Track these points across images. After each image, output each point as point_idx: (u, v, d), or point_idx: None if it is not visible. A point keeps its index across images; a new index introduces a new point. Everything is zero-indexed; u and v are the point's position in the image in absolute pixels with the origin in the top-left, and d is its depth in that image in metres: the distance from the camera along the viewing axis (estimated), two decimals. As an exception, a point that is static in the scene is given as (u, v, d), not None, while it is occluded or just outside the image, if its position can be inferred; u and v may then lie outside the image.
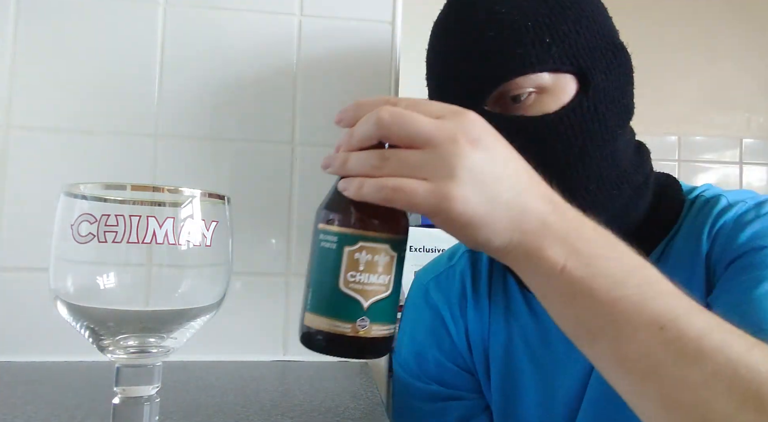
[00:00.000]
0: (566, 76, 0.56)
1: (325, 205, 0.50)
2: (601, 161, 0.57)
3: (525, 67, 0.55)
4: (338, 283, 0.47)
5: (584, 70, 0.56)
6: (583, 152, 0.56)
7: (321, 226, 0.50)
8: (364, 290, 0.47)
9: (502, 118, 0.54)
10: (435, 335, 0.73)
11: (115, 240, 0.37)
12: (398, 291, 0.50)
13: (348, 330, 0.47)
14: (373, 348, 0.48)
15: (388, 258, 0.48)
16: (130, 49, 0.80)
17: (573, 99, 0.56)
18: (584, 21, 0.58)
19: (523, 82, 0.55)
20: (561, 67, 0.56)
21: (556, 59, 0.55)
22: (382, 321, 0.48)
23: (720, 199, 0.62)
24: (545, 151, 0.54)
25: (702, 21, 2.21)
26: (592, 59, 0.57)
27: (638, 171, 0.62)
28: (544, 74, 0.55)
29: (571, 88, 0.56)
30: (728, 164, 2.22)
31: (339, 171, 0.44)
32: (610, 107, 0.58)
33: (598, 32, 0.59)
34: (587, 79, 0.56)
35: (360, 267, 0.47)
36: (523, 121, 0.55)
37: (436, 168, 0.39)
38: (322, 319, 0.47)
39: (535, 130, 0.55)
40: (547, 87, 0.56)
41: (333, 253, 0.47)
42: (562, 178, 0.55)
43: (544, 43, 0.55)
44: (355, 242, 0.47)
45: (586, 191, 0.57)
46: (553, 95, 0.56)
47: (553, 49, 0.55)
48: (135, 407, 0.40)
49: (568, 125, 0.55)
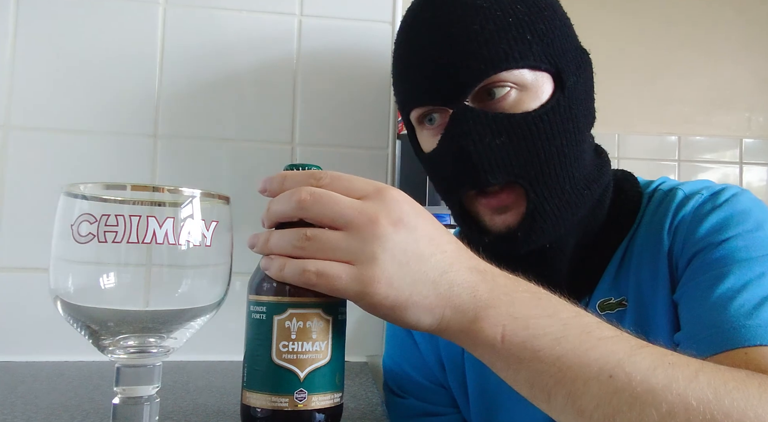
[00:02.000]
0: (544, 75, 0.57)
1: (253, 274, 0.49)
2: (574, 161, 0.57)
3: (509, 61, 0.54)
4: (271, 355, 0.45)
5: (560, 69, 0.57)
6: (560, 151, 0.56)
7: (250, 297, 0.49)
8: (299, 360, 0.45)
9: (484, 115, 0.54)
10: (406, 351, 0.73)
11: (115, 240, 0.37)
12: (340, 356, 0.48)
13: (286, 405, 0.45)
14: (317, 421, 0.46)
15: (323, 323, 0.46)
16: (130, 49, 0.80)
17: (550, 98, 0.56)
18: (557, 22, 0.58)
19: (506, 77, 0.55)
20: (540, 65, 0.56)
21: (536, 57, 0.55)
22: (322, 391, 0.46)
23: (677, 191, 0.62)
24: (528, 149, 0.55)
25: (702, 21, 2.21)
26: (565, 60, 0.57)
27: (601, 171, 0.62)
28: (525, 71, 0.55)
29: (548, 88, 0.57)
30: (728, 164, 2.22)
31: (262, 250, 0.43)
32: (581, 109, 0.58)
33: (568, 35, 0.59)
34: (562, 79, 0.57)
35: (292, 336, 0.45)
36: (507, 118, 0.55)
37: (358, 251, 0.39)
38: (258, 396, 0.46)
39: (518, 127, 0.54)
40: (527, 84, 0.55)
41: (263, 324, 0.46)
42: (541, 176, 0.56)
43: (525, 40, 0.55)
44: (283, 310, 0.46)
45: (561, 191, 0.57)
46: (532, 93, 0.56)
47: (534, 46, 0.55)
48: (135, 407, 0.40)
49: (547, 124, 0.55)
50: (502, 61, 0.54)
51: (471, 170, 0.55)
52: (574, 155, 0.57)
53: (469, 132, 0.54)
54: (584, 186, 0.59)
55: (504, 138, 0.54)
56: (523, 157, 0.55)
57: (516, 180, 0.55)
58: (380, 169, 0.84)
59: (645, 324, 0.58)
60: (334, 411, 0.49)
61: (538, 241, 0.57)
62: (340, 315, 0.49)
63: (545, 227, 0.57)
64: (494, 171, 0.55)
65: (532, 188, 0.56)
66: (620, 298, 0.61)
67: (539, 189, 0.56)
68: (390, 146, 0.85)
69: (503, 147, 0.54)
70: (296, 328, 0.46)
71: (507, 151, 0.54)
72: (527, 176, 0.55)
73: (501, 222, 0.58)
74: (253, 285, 0.49)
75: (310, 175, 0.42)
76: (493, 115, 0.55)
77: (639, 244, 0.62)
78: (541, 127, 0.55)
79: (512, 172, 0.55)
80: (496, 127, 0.54)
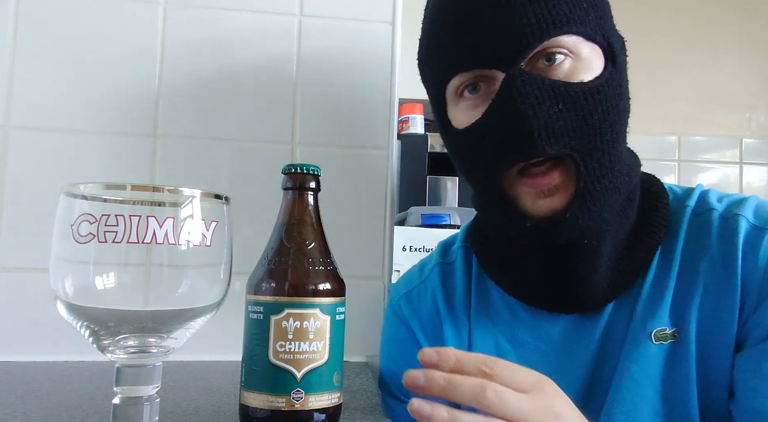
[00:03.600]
0: (596, 48, 0.55)
1: (252, 274, 0.49)
2: (623, 141, 0.56)
3: (570, 24, 0.53)
4: (268, 355, 0.46)
5: (612, 45, 0.56)
6: (613, 128, 0.54)
7: (249, 297, 0.49)
8: (296, 360, 0.46)
9: (541, 81, 0.52)
10: (409, 353, 0.70)
11: (115, 241, 0.37)
12: (339, 356, 0.49)
13: (283, 405, 0.45)
14: (314, 421, 0.46)
15: (320, 323, 0.47)
16: (130, 49, 0.80)
17: (603, 72, 0.55)
18: (604, 2, 0.58)
19: (564, 42, 0.53)
20: (595, 37, 0.55)
21: (592, 26, 0.54)
22: (320, 391, 0.46)
23: (739, 219, 0.58)
24: (584, 120, 0.53)
25: (702, 20, 2.21)
26: (614, 38, 0.57)
27: (634, 162, 0.61)
28: (581, 40, 0.54)
29: (599, 62, 0.55)
30: (728, 164, 2.22)
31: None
32: (627, 90, 0.58)
33: (611, 17, 0.59)
34: (614, 55, 0.56)
35: (289, 336, 0.46)
36: (564, 87, 0.53)
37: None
38: (256, 396, 0.46)
39: (576, 96, 0.53)
40: (582, 53, 0.54)
41: (261, 324, 0.47)
42: (595, 152, 0.54)
43: (581, 7, 0.54)
44: (280, 310, 0.46)
45: (611, 171, 0.55)
46: (586, 64, 0.54)
47: (591, 15, 0.54)
48: (135, 407, 0.40)
49: (603, 97, 0.54)
50: (563, 23, 0.52)
51: (526, 138, 0.51)
52: (623, 135, 0.56)
53: (527, 96, 0.51)
54: (626, 172, 0.58)
55: (562, 106, 0.52)
56: (580, 128, 0.53)
57: (571, 153, 0.53)
58: (380, 169, 0.84)
59: (703, 362, 0.56)
60: (333, 411, 0.49)
61: (585, 225, 0.55)
62: (338, 315, 0.49)
63: (594, 209, 0.54)
64: (551, 140, 0.52)
65: (585, 164, 0.53)
66: (673, 330, 0.58)
67: (591, 166, 0.54)
68: (390, 146, 0.85)
69: (561, 115, 0.52)
70: (293, 328, 0.46)
71: (565, 120, 0.52)
72: (582, 150, 0.53)
73: (545, 206, 0.55)
74: (251, 285, 0.49)
75: (482, 361, 0.44)
76: (551, 81, 0.52)
77: (684, 262, 0.59)
78: (597, 99, 0.53)
79: (568, 144, 0.52)
80: (555, 94, 0.52)
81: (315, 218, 0.52)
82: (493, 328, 0.66)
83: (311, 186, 0.52)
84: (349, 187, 0.83)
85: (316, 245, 0.51)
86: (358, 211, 0.83)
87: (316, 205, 0.53)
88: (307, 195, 0.52)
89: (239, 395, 0.49)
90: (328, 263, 0.51)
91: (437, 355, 0.44)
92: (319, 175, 0.53)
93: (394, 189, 0.85)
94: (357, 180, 0.83)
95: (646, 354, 0.57)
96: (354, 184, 0.83)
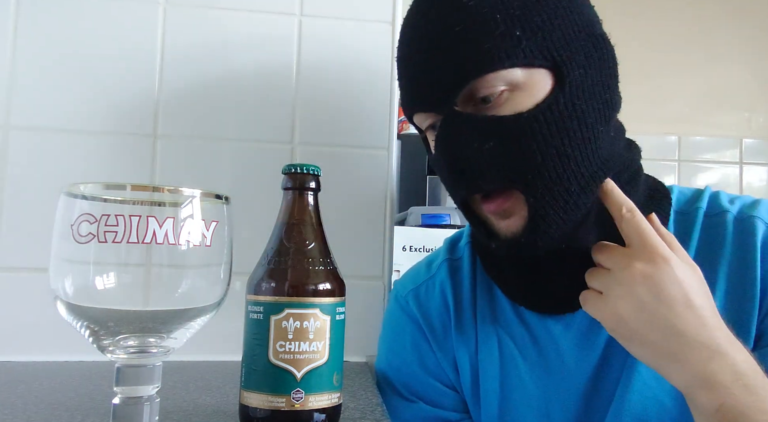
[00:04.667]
0: (540, 70, 0.53)
1: (252, 275, 0.49)
2: (583, 160, 0.54)
3: (494, 62, 0.51)
4: (268, 355, 0.46)
5: (559, 64, 0.53)
6: (561, 152, 0.52)
7: (249, 297, 0.49)
8: (295, 360, 0.46)
9: (473, 119, 0.53)
10: (417, 350, 0.69)
11: (115, 241, 0.37)
12: (339, 356, 0.49)
13: (283, 405, 0.45)
14: (314, 421, 0.46)
15: (320, 323, 0.47)
16: (130, 49, 0.80)
17: (548, 96, 0.53)
18: (560, 11, 0.54)
19: (493, 80, 0.52)
20: (534, 62, 0.52)
21: (527, 53, 0.52)
22: (320, 391, 0.46)
23: (756, 222, 0.59)
24: (521, 152, 0.52)
25: (702, 21, 2.21)
26: (568, 52, 0.53)
27: (627, 168, 0.60)
28: (515, 70, 0.52)
29: (546, 84, 0.53)
30: (728, 164, 2.22)
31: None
32: (590, 103, 0.54)
33: (575, 23, 0.55)
34: (563, 73, 0.53)
35: (289, 336, 0.46)
36: (496, 121, 0.52)
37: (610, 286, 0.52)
38: (256, 396, 0.46)
39: (508, 130, 0.52)
40: (520, 83, 0.52)
41: (261, 324, 0.47)
42: (540, 180, 0.53)
43: (514, 37, 0.52)
44: (280, 310, 0.46)
45: (567, 193, 0.53)
46: (527, 92, 0.53)
47: (524, 42, 0.52)
48: (135, 407, 0.40)
49: (543, 123, 0.52)
50: (486, 63, 0.51)
51: (462, 176, 0.54)
52: (582, 154, 0.53)
53: (456, 137, 0.53)
54: (599, 184, 0.56)
55: (493, 142, 0.52)
56: (516, 160, 0.52)
57: (511, 185, 0.53)
58: (380, 169, 0.84)
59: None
60: (333, 411, 0.49)
61: (546, 247, 0.55)
62: (338, 315, 0.49)
63: (550, 231, 0.54)
64: (485, 176, 0.53)
65: (531, 192, 0.53)
66: None
67: (539, 193, 0.53)
68: (390, 146, 0.85)
69: (493, 151, 0.52)
70: (293, 328, 0.46)
71: (498, 155, 0.52)
72: (523, 180, 0.53)
73: (506, 228, 0.56)
74: (251, 285, 0.49)
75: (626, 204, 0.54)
76: (482, 118, 0.52)
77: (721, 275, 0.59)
78: (535, 127, 0.52)
79: (506, 177, 0.53)
80: (486, 130, 0.52)
81: (315, 218, 0.52)
82: (497, 326, 0.66)
83: (311, 186, 0.52)
84: (349, 187, 0.83)
85: (316, 245, 0.51)
86: (358, 211, 0.83)
87: (316, 205, 0.53)
88: (307, 195, 0.52)
89: (239, 395, 0.49)
90: (328, 263, 0.51)
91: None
92: (319, 175, 0.53)
93: (394, 189, 0.85)
94: (357, 180, 0.83)
95: None
96: (354, 184, 0.83)
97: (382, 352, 0.74)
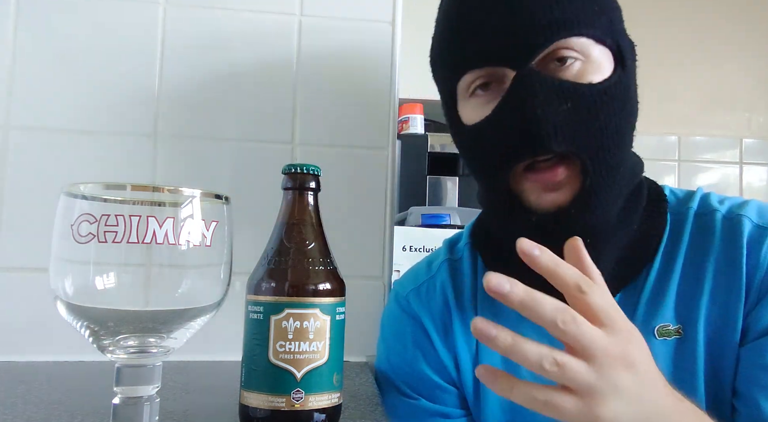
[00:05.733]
0: (606, 50, 0.56)
1: (252, 274, 0.49)
2: (629, 143, 0.57)
3: (580, 26, 0.54)
4: (268, 355, 0.46)
5: (621, 49, 0.57)
6: (620, 130, 0.55)
7: (249, 297, 0.49)
8: (295, 360, 0.46)
9: (550, 79, 0.53)
10: (420, 348, 0.69)
11: (115, 241, 0.37)
12: (339, 356, 0.49)
13: (283, 405, 0.45)
14: (314, 421, 0.47)
15: (320, 323, 0.47)
16: (129, 49, 0.80)
17: (612, 74, 0.56)
18: (615, 4, 0.59)
19: (576, 45, 0.54)
20: (605, 40, 0.56)
21: (602, 29, 0.55)
22: (320, 391, 0.46)
23: (742, 219, 0.60)
24: (591, 121, 0.54)
25: (702, 21, 2.21)
26: (624, 42, 0.58)
27: (636, 172, 0.62)
28: (591, 42, 0.55)
29: (609, 65, 0.56)
30: (728, 164, 2.22)
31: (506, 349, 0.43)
32: (635, 94, 0.58)
33: (622, 20, 0.60)
34: (624, 58, 0.56)
35: (289, 336, 0.46)
36: (573, 87, 0.54)
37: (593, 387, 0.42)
38: (256, 396, 0.46)
39: (584, 96, 0.54)
40: (592, 56, 0.55)
41: (261, 324, 0.47)
42: (602, 152, 0.54)
43: (593, 10, 0.55)
44: (280, 310, 0.46)
45: (617, 172, 0.56)
46: (595, 65, 0.55)
47: (601, 18, 0.55)
48: (135, 407, 0.40)
49: (611, 99, 0.55)
50: (574, 26, 0.54)
51: (534, 135, 0.53)
52: (630, 137, 0.57)
53: (536, 94, 0.53)
54: (630, 177, 0.59)
55: (570, 105, 0.53)
56: (587, 128, 0.54)
57: (577, 151, 0.54)
58: (380, 169, 0.84)
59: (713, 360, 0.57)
60: (333, 411, 0.49)
61: (588, 222, 0.56)
62: (338, 315, 0.49)
63: (597, 207, 0.55)
64: (558, 137, 0.53)
65: (592, 163, 0.54)
66: (677, 326, 0.59)
67: (597, 165, 0.54)
68: (390, 146, 0.85)
69: (569, 114, 0.53)
70: (293, 328, 0.46)
71: (572, 119, 0.53)
72: (589, 148, 0.54)
73: (550, 201, 0.56)
74: (251, 285, 0.49)
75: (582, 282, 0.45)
76: (560, 81, 0.54)
77: (687, 264, 0.60)
78: (605, 99, 0.54)
79: (575, 142, 0.54)
80: (563, 93, 0.53)
81: (315, 218, 0.52)
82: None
83: (311, 186, 0.52)
84: (349, 187, 0.83)
85: (316, 245, 0.51)
86: (358, 211, 0.83)
87: (316, 205, 0.53)
88: (307, 195, 0.52)
89: (239, 395, 0.49)
90: (328, 263, 0.51)
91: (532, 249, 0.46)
92: (319, 175, 0.53)
93: (394, 189, 0.85)
94: (357, 180, 0.83)
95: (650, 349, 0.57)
96: (354, 184, 0.83)
97: (382, 352, 0.74)
